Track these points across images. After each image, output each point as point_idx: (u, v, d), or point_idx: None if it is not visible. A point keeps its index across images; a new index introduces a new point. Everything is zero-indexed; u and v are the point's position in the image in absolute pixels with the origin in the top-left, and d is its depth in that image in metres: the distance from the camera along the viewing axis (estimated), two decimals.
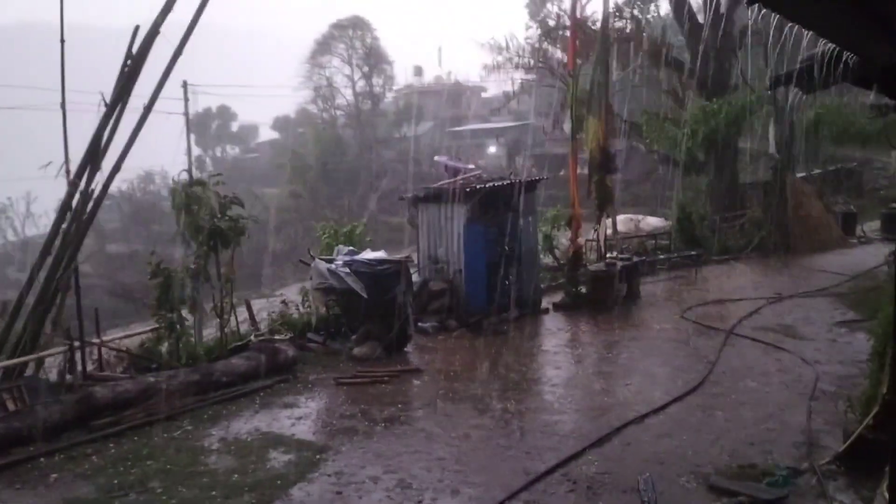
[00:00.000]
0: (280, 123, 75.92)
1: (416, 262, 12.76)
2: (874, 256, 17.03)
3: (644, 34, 27.74)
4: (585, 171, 14.73)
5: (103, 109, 7.24)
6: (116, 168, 7.56)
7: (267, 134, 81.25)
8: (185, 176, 10.61)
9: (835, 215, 22.27)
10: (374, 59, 62.12)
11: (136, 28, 7.21)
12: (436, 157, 13.77)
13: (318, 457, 6.96)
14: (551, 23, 26.96)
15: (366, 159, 58.24)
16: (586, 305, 13.43)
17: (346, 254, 10.60)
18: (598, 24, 15.76)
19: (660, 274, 17.28)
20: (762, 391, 8.62)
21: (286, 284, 25.15)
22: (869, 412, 6.71)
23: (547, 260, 16.33)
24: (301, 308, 11.51)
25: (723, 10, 25.01)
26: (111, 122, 7.37)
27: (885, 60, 5.37)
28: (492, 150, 58.62)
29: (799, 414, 7.74)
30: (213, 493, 6.22)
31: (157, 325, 9.00)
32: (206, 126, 79.85)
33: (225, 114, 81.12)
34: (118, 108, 7.38)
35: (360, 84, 62.77)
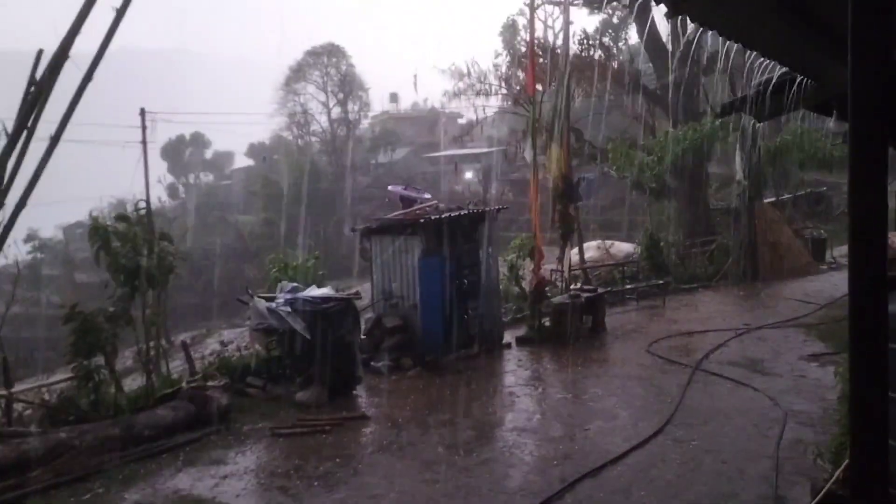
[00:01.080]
0: (255, 150, 75.42)
1: (369, 296, 12.16)
2: (845, 283, 16.64)
3: (614, 61, 27.77)
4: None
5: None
6: (21, 204, 6.88)
7: (242, 161, 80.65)
8: (142, 205, 9.96)
9: (804, 241, 22.06)
10: (349, 86, 62.10)
11: (40, 52, 6.59)
12: (389, 187, 13.22)
13: None
14: (522, 49, 26.85)
15: (341, 186, 57.78)
16: (550, 339, 12.88)
17: (289, 290, 9.94)
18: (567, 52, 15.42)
19: (627, 304, 16.82)
20: (727, 435, 8.08)
21: None
22: (839, 462, 6.20)
23: (513, 289, 15.81)
24: (241, 349, 10.81)
25: (691, 36, 25.09)
26: (15, 153, 6.71)
27: (841, 86, 4.94)
28: (468, 175, 58.55)
29: (765, 462, 7.20)
30: None
31: (72, 375, 8.25)
32: (180, 153, 79.20)
33: (198, 141, 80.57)
34: (22, 138, 6.72)
35: (336, 111, 62.61)
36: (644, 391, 10.11)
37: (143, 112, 24.38)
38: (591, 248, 21.45)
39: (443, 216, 11.65)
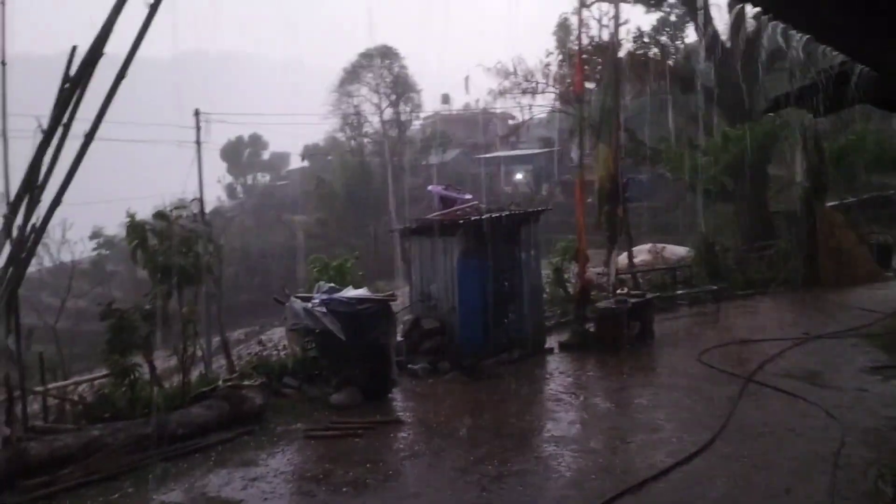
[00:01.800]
0: (309, 151, 76.46)
1: (408, 298, 11.97)
2: None
3: (670, 60, 27.00)
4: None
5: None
6: (57, 201, 6.92)
7: (297, 162, 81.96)
8: (196, 205, 10.03)
9: (869, 246, 20.96)
10: (401, 88, 62.39)
11: (74, 49, 6.60)
12: (429, 187, 13.01)
13: None
14: (575, 48, 26.36)
15: (393, 187, 58.03)
16: (594, 345, 12.46)
17: (325, 291, 9.84)
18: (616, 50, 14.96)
19: (678, 310, 16.22)
20: (780, 452, 7.58)
21: None
22: None
23: (558, 292, 15.42)
24: (279, 350, 10.75)
25: (750, 34, 24.22)
26: (50, 150, 6.74)
27: None
28: (518, 176, 58.10)
29: (821, 483, 6.71)
30: None
31: (109, 373, 8.29)
32: (238, 154, 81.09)
33: (256, 142, 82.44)
34: (59, 135, 6.75)
35: (388, 112, 62.97)
36: (692, 403, 9.63)
37: (197, 113, 24.84)
38: (643, 252, 20.80)
39: (483, 217, 11.37)
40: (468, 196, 12.34)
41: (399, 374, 10.63)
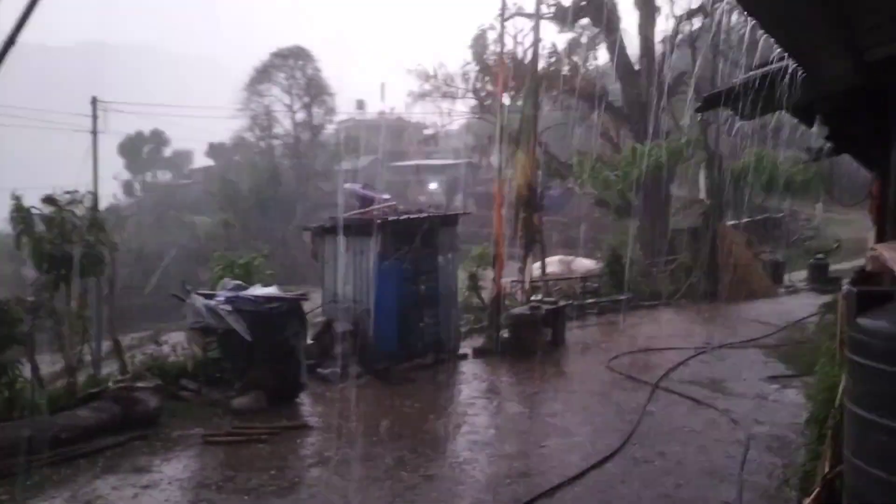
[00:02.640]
0: (215, 151, 73.78)
1: (320, 300, 11.55)
2: (803, 306, 16.69)
3: (582, 79, 27.68)
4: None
5: None
6: None
7: (202, 161, 78.90)
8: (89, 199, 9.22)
9: (763, 264, 22.08)
10: (315, 90, 61.20)
11: None
12: (346, 185, 12.66)
13: None
14: (492, 60, 26.59)
15: (303, 190, 56.69)
16: (508, 351, 12.40)
17: (231, 288, 9.29)
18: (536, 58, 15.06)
19: (588, 319, 16.48)
20: (689, 456, 7.67)
21: None
22: (806, 489, 5.84)
23: (473, 300, 15.33)
24: (177, 351, 10.08)
25: (659, 58, 25.19)
26: None
27: (835, 82, 4.57)
28: (432, 186, 58.11)
29: (728, 486, 6.80)
30: None
31: None
32: (137, 150, 76.99)
33: (158, 138, 78.43)
34: None
35: (300, 115, 61.68)
36: (603, 408, 9.68)
37: (94, 101, 23.37)
38: (553, 263, 21.12)
39: (401, 217, 11.12)
40: (386, 196, 12.06)
41: (309, 378, 10.18)
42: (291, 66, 61.71)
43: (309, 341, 10.81)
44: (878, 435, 4.04)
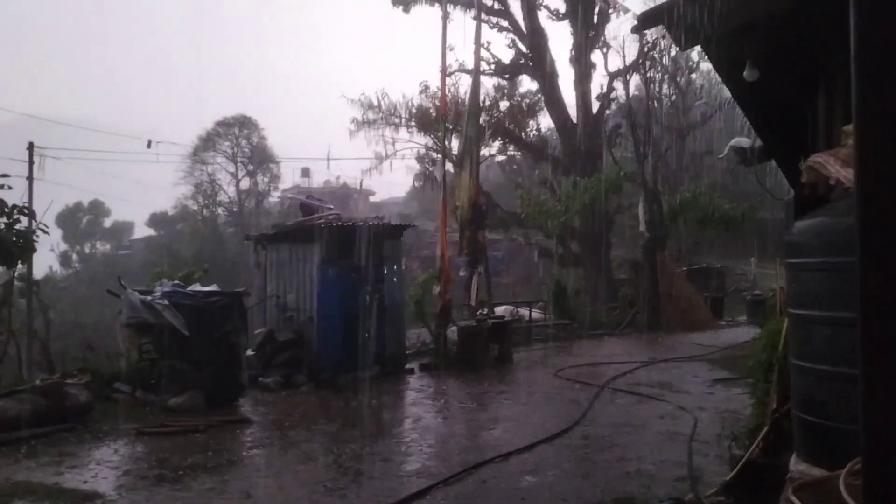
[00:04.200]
0: (157, 220, 72.40)
1: (260, 311, 11.24)
2: (744, 335, 17.04)
3: (521, 130, 28.54)
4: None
5: None
6: None
7: (143, 231, 77.20)
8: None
9: (703, 298, 22.56)
10: (259, 158, 61.11)
11: None
12: (289, 195, 12.55)
13: None
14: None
15: (247, 258, 55.76)
16: (455, 365, 12.21)
17: (169, 287, 8.96)
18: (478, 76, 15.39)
19: (533, 344, 16.43)
20: (638, 434, 7.63)
21: None
22: (754, 440, 5.85)
23: (422, 332, 15.12)
24: (110, 355, 9.60)
25: (595, 112, 26.25)
26: None
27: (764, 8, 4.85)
28: None
29: (678, 453, 6.76)
30: None
31: None
32: (76, 221, 74.95)
33: (97, 209, 76.62)
34: None
35: (245, 183, 61.36)
36: (551, 404, 9.58)
37: (31, 146, 22.81)
38: (500, 311, 21.14)
39: (345, 223, 11.03)
40: (330, 206, 11.97)
41: (250, 387, 9.82)
42: (236, 135, 61.66)
43: (250, 352, 10.46)
44: (820, 330, 4.11)
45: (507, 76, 28.81)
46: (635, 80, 28.92)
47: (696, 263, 28.22)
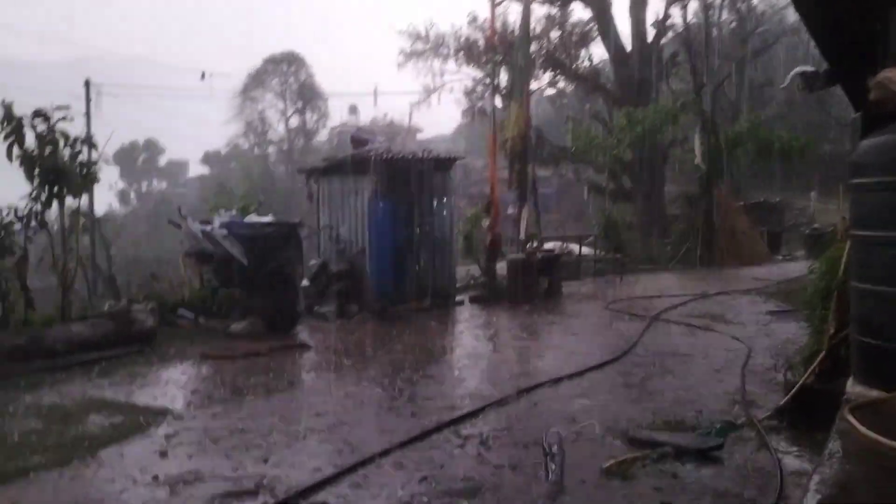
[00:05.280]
0: (210, 158, 73.65)
1: (311, 234, 11.40)
2: (801, 269, 16.59)
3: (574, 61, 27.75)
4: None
5: None
6: None
7: (196, 170, 78.75)
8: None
9: (760, 233, 22.04)
10: (308, 95, 61.15)
11: None
12: (340, 128, 12.60)
13: (150, 420, 5.52)
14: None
15: (297, 197, 56.48)
16: (505, 298, 12.30)
17: (227, 218, 9.20)
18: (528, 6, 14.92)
19: (583, 279, 16.40)
20: (690, 363, 7.63)
21: None
22: (811, 365, 5.79)
23: (472, 269, 15.16)
24: (173, 284, 9.97)
25: (651, 42, 25.27)
26: None
27: None
28: None
29: (731, 381, 6.75)
30: None
31: None
32: (132, 159, 76.88)
33: (152, 147, 78.37)
34: None
35: (294, 120, 61.67)
36: (603, 335, 9.63)
37: (87, 83, 23.28)
38: (550, 246, 21.02)
39: (396, 156, 11.06)
40: (381, 139, 11.99)
41: (305, 315, 10.11)
42: (284, 72, 61.68)
43: (305, 282, 10.73)
44: (882, 251, 4.00)
45: (558, 4, 27.92)
46: (693, 6, 27.80)
47: (754, 198, 27.49)
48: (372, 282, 10.93)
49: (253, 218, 9.31)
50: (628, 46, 25.06)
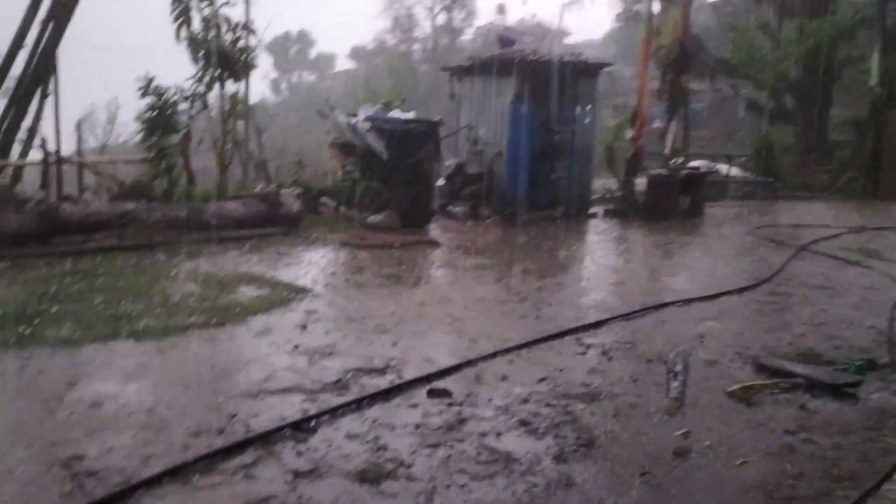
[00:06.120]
0: (357, 53, 74.65)
1: (450, 133, 11.45)
2: None
3: None
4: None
5: None
6: None
7: (344, 65, 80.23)
8: None
9: None
10: None
11: None
12: (487, 28, 12.34)
13: (293, 296, 5.96)
14: None
15: (440, 95, 56.54)
16: (642, 213, 11.92)
17: (371, 112, 9.41)
18: None
19: (729, 201, 15.56)
20: (836, 298, 7.14)
21: None
22: None
23: (610, 182, 14.71)
24: (317, 172, 10.45)
25: None
26: None
27: None
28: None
29: (878, 319, 6.26)
30: (157, 310, 5.30)
31: (146, 156, 8.05)
32: (285, 50, 79.33)
33: (304, 39, 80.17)
34: None
35: (441, 18, 60.93)
36: (743, 260, 9.19)
37: None
38: (696, 164, 19.93)
39: (540, 59, 10.73)
40: (528, 39, 11.66)
41: (438, 214, 10.33)
42: None
43: (441, 181, 10.89)
44: None
45: None
46: None
47: None
48: (506, 186, 10.92)
49: (396, 114, 9.45)
50: None
